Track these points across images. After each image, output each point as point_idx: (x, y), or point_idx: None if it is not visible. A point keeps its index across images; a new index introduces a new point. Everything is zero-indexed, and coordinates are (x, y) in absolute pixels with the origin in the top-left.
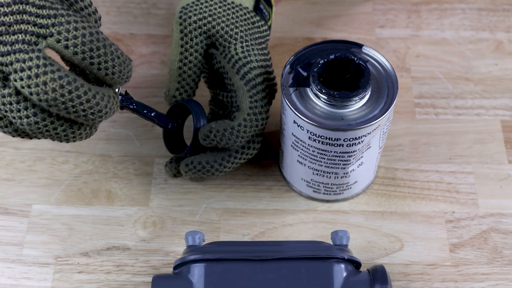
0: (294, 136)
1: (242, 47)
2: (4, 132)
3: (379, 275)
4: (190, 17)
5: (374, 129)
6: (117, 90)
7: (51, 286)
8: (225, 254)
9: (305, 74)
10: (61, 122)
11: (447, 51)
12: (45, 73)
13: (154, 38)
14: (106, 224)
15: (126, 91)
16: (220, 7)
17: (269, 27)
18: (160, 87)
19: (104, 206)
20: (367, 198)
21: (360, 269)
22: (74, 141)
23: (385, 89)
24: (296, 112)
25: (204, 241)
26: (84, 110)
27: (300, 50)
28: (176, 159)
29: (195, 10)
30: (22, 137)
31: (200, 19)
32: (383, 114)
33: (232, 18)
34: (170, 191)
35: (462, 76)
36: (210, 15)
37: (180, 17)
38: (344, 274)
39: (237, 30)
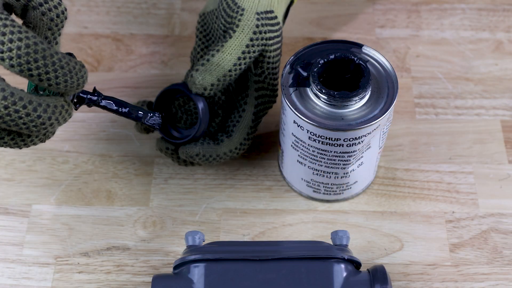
0: (294, 136)
1: (270, 79)
2: None
3: (379, 275)
4: (265, 32)
5: (374, 129)
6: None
7: (51, 286)
8: (225, 254)
9: (305, 74)
10: (6, 132)
11: (447, 51)
12: None
13: (154, 38)
14: (106, 224)
15: (94, 88)
16: (273, 25)
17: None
18: (160, 87)
19: (104, 206)
20: (367, 198)
21: (360, 269)
22: (29, 146)
23: (385, 89)
24: (296, 112)
25: (204, 241)
26: (24, 124)
27: (300, 50)
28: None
29: (266, 24)
30: None
31: (266, 32)
32: (383, 114)
33: (275, 43)
34: (170, 191)
35: (462, 76)
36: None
37: (257, 26)
38: (344, 274)
39: (274, 59)
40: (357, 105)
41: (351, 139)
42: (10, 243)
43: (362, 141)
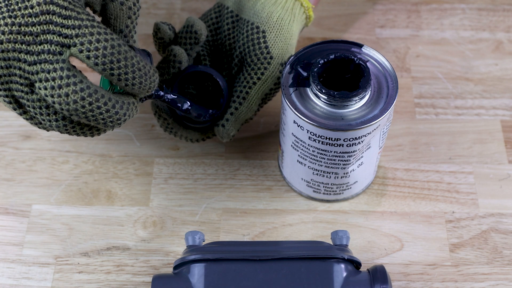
0: (294, 136)
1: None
2: (39, 128)
3: (379, 275)
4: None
5: (374, 129)
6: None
7: (51, 286)
8: (225, 254)
9: (305, 74)
10: (82, 125)
11: (447, 51)
12: (67, 85)
13: None
14: (106, 224)
15: (160, 85)
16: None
17: None
18: None
19: (104, 206)
20: (367, 198)
21: (360, 269)
22: (99, 135)
23: (385, 89)
24: (296, 112)
25: (204, 241)
26: (103, 119)
27: (300, 50)
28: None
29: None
30: (48, 130)
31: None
32: (383, 114)
33: None
34: (170, 191)
35: (462, 76)
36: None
37: (278, 78)
38: (344, 274)
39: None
40: (357, 105)
41: (351, 139)
42: (10, 243)
43: (362, 141)
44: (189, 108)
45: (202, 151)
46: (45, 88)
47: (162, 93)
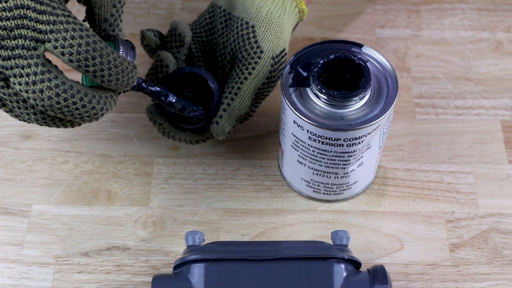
0: (294, 136)
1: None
2: (19, 120)
3: (379, 275)
4: (276, 74)
5: (374, 129)
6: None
7: (51, 286)
8: (225, 254)
9: (305, 74)
10: (59, 119)
11: (447, 51)
12: (42, 81)
13: None
14: (106, 224)
15: (147, 79)
16: (282, 62)
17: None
18: None
19: (104, 206)
20: (367, 198)
21: (360, 269)
22: (80, 125)
23: (385, 89)
24: (296, 112)
25: (204, 241)
26: (80, 114)
27: (300, 50)
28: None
29: (278, 67)
30: (32, 122)
31: (276, 74)
32: (383, 114)
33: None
34: (170, 191)
35: (462, 76)
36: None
37: (271, 72)
38: (344, 274)
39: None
40: (357, 105)
41: (351, 139)
42: (10, 243)
43: (362, 141)
44: (173, 101)
45: (202, 151)
46: (20, 84)
47: (144, 85)
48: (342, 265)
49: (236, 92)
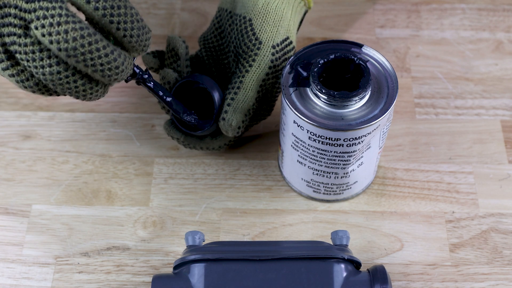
0: (294, 136)
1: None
2: (25, 87)
3: (379, 275)
4: (280, 63)
5: (374, 129)
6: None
7: (51, 286)
8: (225, 254)
9: (305, 74)
10: (79, 76)
11: (447, 51)
12: (67, 22)
13: (154, 38)
14: (106, 224)
15: (147, 68)
16: (288, 51)
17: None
18: None
19: (104, 206)
20: (367, 198)
21: (360, 269)
22: (90, 99)
23: (385, 89)
24: (296, 112)
25: (204, 241)
26: (101, 65)
27: (300, 50)
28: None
29: (282, 55)
30: (42, 93)
31: (280, 63)
32: (383, 114)
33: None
34: (170, 191)
35: (462, 76)
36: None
37: (272, 61)
38: (344, 274)
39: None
40: (357, 105)
41: (351, 139)
42: (10, 243)
43: (362, 141)
44: (168, 99)
45: (202, 151)
46: (43, 26)
47: (146, 76)
48: (342, 265)
49: (239, 86)
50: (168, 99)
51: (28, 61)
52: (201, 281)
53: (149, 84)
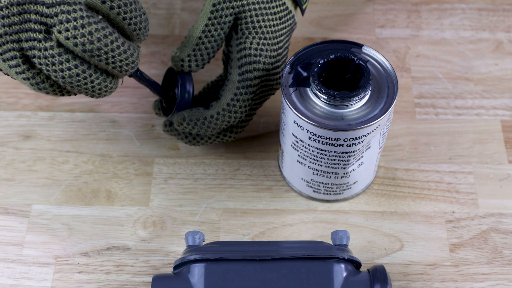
0: (294, 136)
1: (258, 43)
2: (40, 89)
3: (379, 275)
4: None
5: (374, 129)
6: None
7: (51, 286)
8: (225, 254)
9: (305, 74)
10: (99, 73)
11: (447, 51)
12: (89, 23)
13: (154, 38)
14: (106, 224)
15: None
16: None
17: (303, 10)
18: None
19: (104, 206)
20: (367, 198)
21: (360, 269)
22: (104, 95)
23: (385, 89)
24: (296, 112)
25: (204, 241)
26: (121, 61)
27: (300, 50)
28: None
29: None
30: (56, 94)
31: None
32: (383, 114)
33: (264, 8)
34: (170, 191)
35: (462, 76)
36: None
37: None
38: (344, 274)
39: (261, 24)
40: (357, 105)
41: (351, 139)
42: (10, 243)
43: (362, 141)
44: (153, 83)
45: (202, 151)
46: (67, 30)
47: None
48: (342, 265)
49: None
50: (150, 82)
51: (47, 65)
52: (201, 281)
53: (137, 74)
